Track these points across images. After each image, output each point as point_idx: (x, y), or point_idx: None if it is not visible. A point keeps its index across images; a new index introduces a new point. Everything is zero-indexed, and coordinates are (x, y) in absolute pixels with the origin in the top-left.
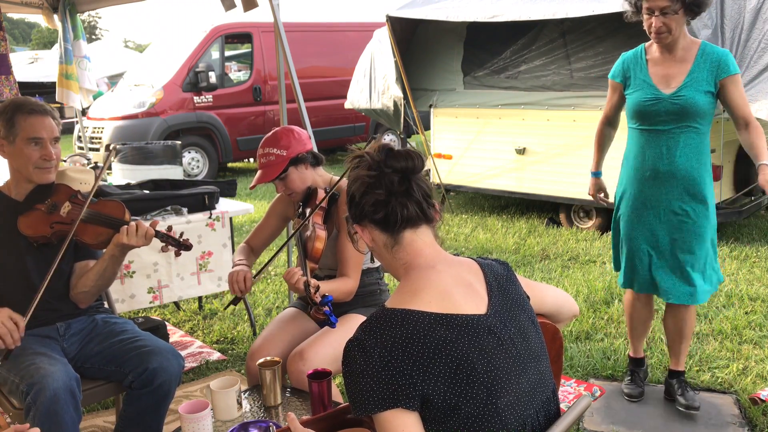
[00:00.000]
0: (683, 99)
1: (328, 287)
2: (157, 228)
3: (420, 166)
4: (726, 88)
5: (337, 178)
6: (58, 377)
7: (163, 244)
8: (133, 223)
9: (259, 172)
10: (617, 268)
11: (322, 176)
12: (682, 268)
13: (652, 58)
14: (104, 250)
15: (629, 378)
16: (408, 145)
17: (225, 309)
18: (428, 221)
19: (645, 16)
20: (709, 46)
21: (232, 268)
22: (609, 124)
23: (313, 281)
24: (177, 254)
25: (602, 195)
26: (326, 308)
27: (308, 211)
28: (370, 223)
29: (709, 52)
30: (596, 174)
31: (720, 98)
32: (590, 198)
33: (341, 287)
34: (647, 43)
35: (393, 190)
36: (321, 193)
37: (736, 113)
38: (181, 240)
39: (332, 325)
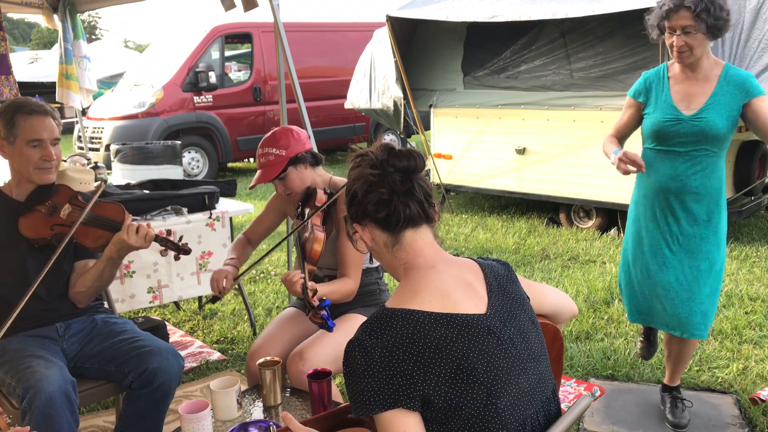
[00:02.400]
0: (703, 121)
1: (328, 288)
2: (156, 232)
3: (421, 165)
4: (753, 109)
5: (337, 177)
6: (53, 381)
7: (163, 248)
8: (134, 223)
9: (258, 172)
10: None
11: (321, 176)
12: (689, 298)
13: (674, 76)
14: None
15: (642, 338)
16: (408, 145)
17: (202, 307)
18: (429, 221)
19: (667, 35)
20: (732, 68)
21: (223, 266)
22: (616, 137)
23: (310, 284)
24: (176, 258)
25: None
26: (323, 312)
27: (307, 211)
28: (371, 222)
29: (733, 75)
30: (617, 152)
31: (747, 120)
32: (590, 198)
33: (342, 288)
34: (669, 62)
35: (395, 190)
36: (320, 194)
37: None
38: (180, 244)
39: (329, 329)
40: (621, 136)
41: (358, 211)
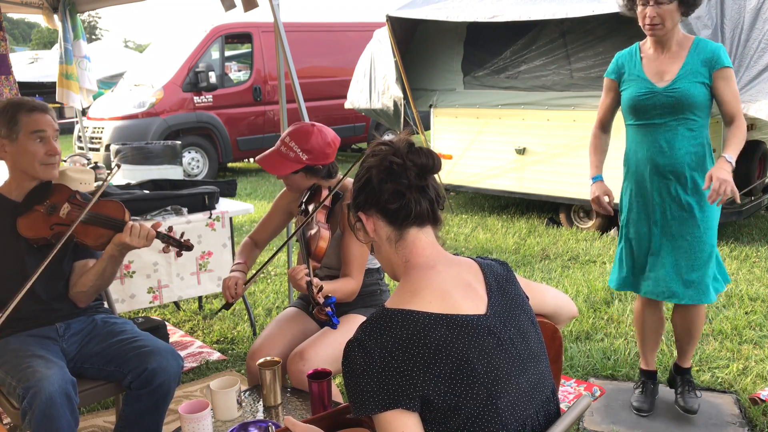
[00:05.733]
0: (678, 91)
1: (330, 287)
2: (159, 229)
3: (438, 166)
4: (716, 82)
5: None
6: (54, 380)
7: (165, 244)
8: (135, 224)
9: (271, 155)
10: (615, 276)
11: (328, 181)
12: (691, 265)
13: (646, 55)
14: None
15: (640, 390)
16: None
17: (216, 313)
18: (434, 222)
19: (639, 8)
20: (702, 40)
21: (230, 272)
22: (603, 129)
23: (316, 281)
24: (178, 255)
25: (607, 200)
26: (328, 309)
27: (311, 208)
28: (378, 212)
29: (702, 46)
30: (597, 178)
31: (712, 92)
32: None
33: (344, 287)
34: (641, 42)
35: (411, 184)
36: (326, 192)
37: (724, 109)
38: (182, 240)
39: (333, 326)
40: (606, 123)
41: (369, 198)
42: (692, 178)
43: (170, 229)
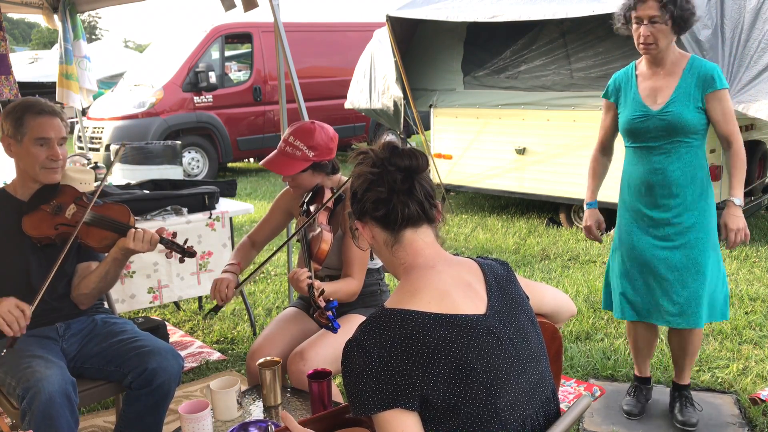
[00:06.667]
0: (671, 115)
1: (332, 287)
2: (163, 234)
3: (424, 165)
4: (709, 104)
5: (346, 178)
6: (53, 381)
7: (168, 250)
8: (140, 229)
9: (278, 157)
10: (607, 304)
11: (331, 179)
12: (681, 287)
13: (641, 73)
14: (107, 253)
15: (632, 394)
16: (408, 145)
17: (205, 317)
18: (430, 221)
19: (634, 26)
20: (698, 60)
21: (222, 272)
22: (603, 152)
23: (317, 283)
24: (181, 261)
25: (597, 229)
26: (329, 313)
27: (313, 208)
28: (371, 220)
29: (697, 66)
30: (591, 204)
31: (707, 115)
32: None
33: (345, 288)
34: (638, 60)
35: (395, 188)
36: (328, 193)
37: (717, 131)
38: (185, 247)
39: (334, 331)
40: (607, 144)
41: (359, 208)
42: (686, 200)
43: (174, 234)
